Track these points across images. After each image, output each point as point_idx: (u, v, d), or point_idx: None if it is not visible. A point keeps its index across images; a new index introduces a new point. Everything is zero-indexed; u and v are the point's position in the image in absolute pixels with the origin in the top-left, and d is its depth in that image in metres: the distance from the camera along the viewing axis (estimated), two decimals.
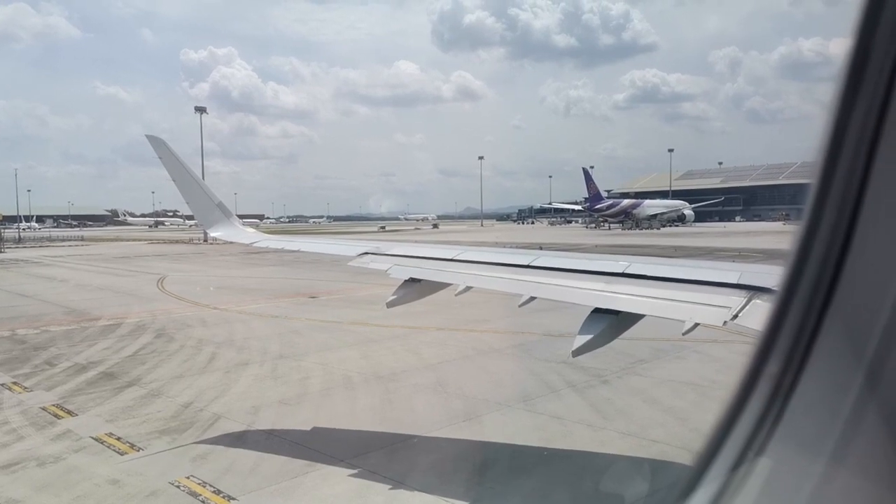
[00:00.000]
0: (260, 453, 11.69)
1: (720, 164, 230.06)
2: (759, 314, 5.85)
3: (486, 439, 12.54)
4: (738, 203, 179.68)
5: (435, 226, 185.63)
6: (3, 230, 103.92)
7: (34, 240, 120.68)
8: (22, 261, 67.25)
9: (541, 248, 31.14)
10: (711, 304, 6.52)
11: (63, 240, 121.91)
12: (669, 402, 14.17)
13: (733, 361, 16.81)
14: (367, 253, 11.30)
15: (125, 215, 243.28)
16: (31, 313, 29.60)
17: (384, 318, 23.44)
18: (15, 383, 16.94)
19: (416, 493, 9.82)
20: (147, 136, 13.43)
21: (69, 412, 14.34)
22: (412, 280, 9.98)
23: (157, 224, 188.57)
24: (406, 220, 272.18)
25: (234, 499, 9.78)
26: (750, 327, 5.75)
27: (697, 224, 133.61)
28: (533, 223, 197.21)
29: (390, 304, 10.15)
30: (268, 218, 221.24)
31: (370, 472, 10.57)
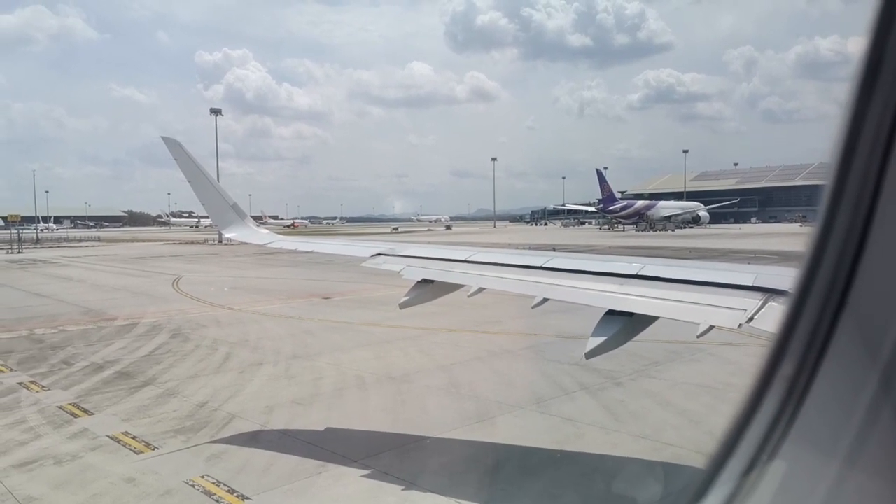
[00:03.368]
0: (274, 453, 11.75)
1: (735, 164, 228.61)
2: (775, 317, 5.79)
3: (499, 441, 12.52)
4: (754, 204, 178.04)
5: (448, 227, 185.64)
6: (21, 231, 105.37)
7: (52, 240, 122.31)
8: (40, 261, 68.11)
9: (554, 250, 31.07)
10: (726, 307, 6.46)
11: (80, 240, 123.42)
12: (683, 404, 14.07)
13: (748, 364, 16.66)
14: (380, 254, 11.33)
15: (167, 216, 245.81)
16: (49, 313, 29.96)
17: (397, 319, 23.47)
18: (32, 382, 17.16)
19: (428, 494, 9.82)
20: (163, 138, 13.54)
21: (85, 411, 14.49)
22: (425, 281, 9.99)
23: (198, 225, 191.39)
24: (419, 221, 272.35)
25: (247, 498, 9.84)
26: (766, 330, 5.70)
27: (712, 225, 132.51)
28: (546, 224, 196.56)
29: (403, 306, 10.17)
30: (281, 219, 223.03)
31: (383, 473, 10.59)
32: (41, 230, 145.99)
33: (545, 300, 8.16)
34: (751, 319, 5.99)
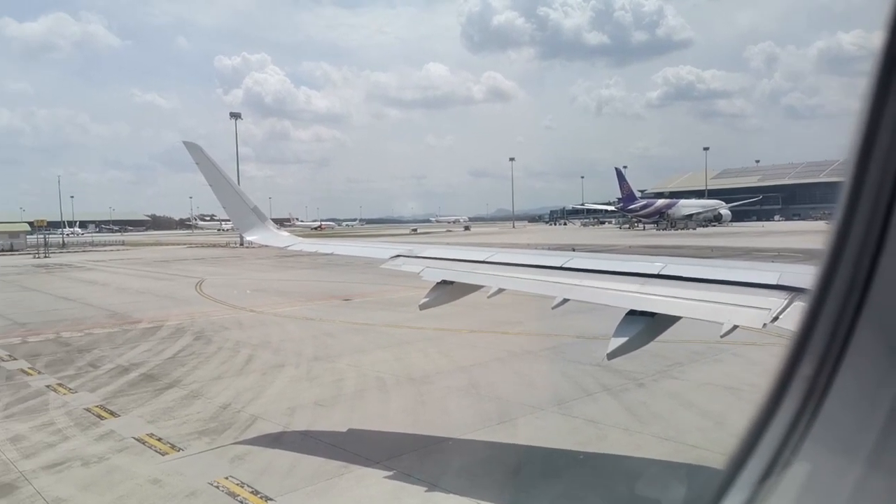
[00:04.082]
0: (296, 454, 11.84)
1: (757, 162, 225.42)
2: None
3: (520, 442, 12.48)
4: (777, 202, 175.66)
5: (466, 228, 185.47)
6: (47, 236, 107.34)
7: (77, 245, 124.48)
8: (66, 265, 69.32)
9: (573, 250, 30.89)
10: (750, 306, 6.38)
11: (105, 244, 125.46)
12: (707, 405, 13.91)
13: (773, 365, 16.40)
14: (399, 255, 11.36)
15: (196, 219, 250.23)
16: (75, 316, 30.48)
17: (417, 321, 23.52)
18: (60, 385, 17.46)
19: (451, 495, 9.81)
20: (184, 143, 13.71)
21: (112, 413, 14.72)
22: (444, 282, 10.00)
23: (221, 228, 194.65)
24: (437, 221, 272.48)
25: (271, 499, 9.92)
26: (791, 329, 5.61)
27: (734, 224, 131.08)
28: (565, 224, 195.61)
29: (423, 307, 10.18)
30: (308, 221, 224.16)
31: (405, 475, 10.61)
32: (67, 235, 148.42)
33: (565, 301, 8.12)
34: (776, 319, 5.91)
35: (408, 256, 11.24)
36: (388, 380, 16.93)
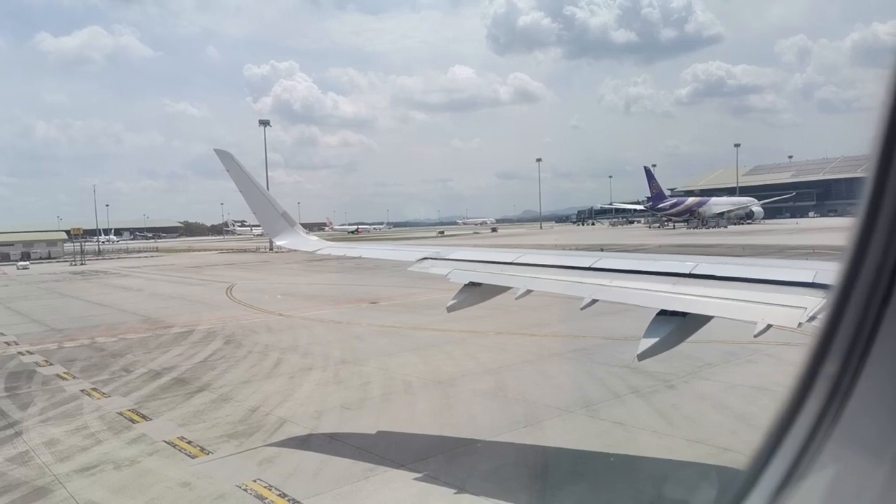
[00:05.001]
0: (323, 457, 11.85)
1: (790, 157, 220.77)
2: None
3: (548, 445, 12.32)
4: (812, 198, 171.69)
5: (494, 230, 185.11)
6: (83, 243, 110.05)
7: (113, 252, 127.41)
8: (101, 272, 70.94)
9: (602, 250, 30.54)
10: (785, 305, 6.20)
11: (139, 251, 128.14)
12: (741, 407, 13.57)
13: None
14: (426, 258, 11.33)
15: (233, 224, 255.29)
16: (110, 322, 31.10)
17: (444, 323, 23.46)
18: (94, 389, 17.78)
19: (478, 498, 9.72)
20: (215, 150, 13.87)
21: (144, 417, 14.93)
22: (472, 284, 9.94)
23: (252, 232, 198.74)
24: (464, 224, 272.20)
25: (299, 502, 9.93)
26: None
27: (767, 221, 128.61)
28: (593, 224, 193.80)
29: (450, 309, 10.13)
30: (345, 225, 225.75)
31: (432, 477, 10.55)
32: (102, 242, 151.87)
33: (594, 301, 7.98)
34: (813, 318, 5.70)
35: (435, 259, 11.21)
36: (415, 383, 16.89)
